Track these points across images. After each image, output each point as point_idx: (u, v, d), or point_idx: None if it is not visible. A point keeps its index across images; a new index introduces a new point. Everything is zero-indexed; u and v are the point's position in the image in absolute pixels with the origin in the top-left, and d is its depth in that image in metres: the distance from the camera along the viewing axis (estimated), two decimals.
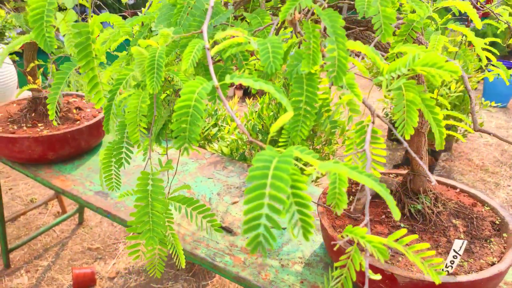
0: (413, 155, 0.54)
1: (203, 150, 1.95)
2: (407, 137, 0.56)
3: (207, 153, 1.92)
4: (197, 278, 2.43)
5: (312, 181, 2.07)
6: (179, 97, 1.04)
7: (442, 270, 0.93)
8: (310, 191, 1.59)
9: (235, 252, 1.26)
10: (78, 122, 1.81)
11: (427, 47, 0.79)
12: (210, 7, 0.53)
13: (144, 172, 0.68)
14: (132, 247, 0.76)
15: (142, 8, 0.87)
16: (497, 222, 1.11)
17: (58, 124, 1.76)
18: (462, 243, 0.91)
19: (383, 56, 0.62)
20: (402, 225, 1.09)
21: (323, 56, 0.51)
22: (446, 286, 0.90)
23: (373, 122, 0.50)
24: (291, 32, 0.66)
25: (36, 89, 1.70)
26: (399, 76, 0.51)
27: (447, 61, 0.48)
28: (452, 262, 0.92)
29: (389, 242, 0.49)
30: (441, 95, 2.63)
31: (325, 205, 1.17)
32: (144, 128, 0.65)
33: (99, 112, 1.92)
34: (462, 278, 0.90)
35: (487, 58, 1.08)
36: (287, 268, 1.19)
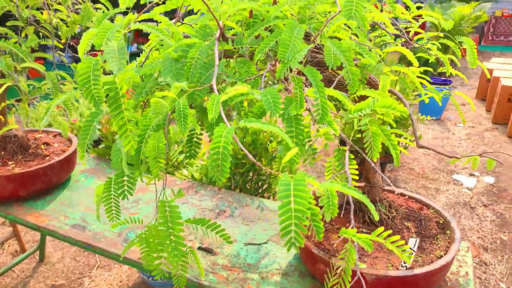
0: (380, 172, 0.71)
1: (172, 177, 2.04)
2: (374, 159, 0.72)
3: (177, 179, 2.01)
4: None
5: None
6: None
7: (401, 265, 1.11)
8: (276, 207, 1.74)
9: (217, 270, 1.36)
10: (48, 157, 1.84)
11: (376, 83, 0.98)
12: (216, 65, 0.67)
13: (161, 201, 0.78)
14: (154, 266, 0.85)
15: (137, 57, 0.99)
16: (441, 222, 1.31)
17: (28, 160, 1.78)
18: (415, 241, 1.10)
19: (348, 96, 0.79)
20: (364, 230, 1.26)
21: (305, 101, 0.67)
22: (405, 279, 1.08)
23: (348, 150, 0.65)
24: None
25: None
26: (365, 115, 0.68)
27: (398, 104, 0.65)
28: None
29: (373, 237, 0.64)
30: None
31: None
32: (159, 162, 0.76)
33: (68, 147, 1.96)
34: (418, 270, 1.08)
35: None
36: (267, 279, 1.31)
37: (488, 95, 5.95)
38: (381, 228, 0.68)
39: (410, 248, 1.09)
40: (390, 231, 0.71)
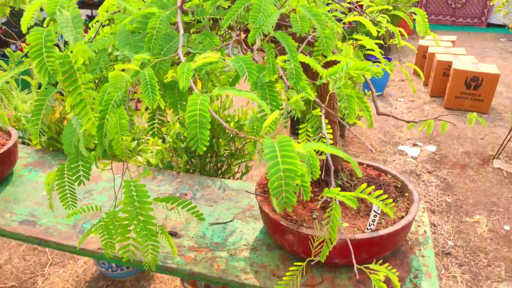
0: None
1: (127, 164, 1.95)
2: (351, 121, 0.73)
3: (132, 166, 1.93)
4: None
5: (237, 179, 2.21)
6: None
7: (367, 228, 1.15)
8: (241, 187, 1.73)
9: (184, 252, 1.33)
10: None
11: (334, 53, 0.98)
12: (181, 34, 0.63)
13: (126, 181, 0.74)
14: (122, 248, 0.81)
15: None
16: (398, 186, 1.37)
17: None
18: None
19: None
20: (328, 199, 1.29)
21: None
22: (371, 240, 1.12)
23: (323, 114, 0.65)
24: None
25: None
26: (338, 78, 0.68)
27: (371, 65, 0.66)
28: (373, 221, 1.14)
29: (356, 194, 0.65)
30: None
31: (263, 194, 1.32)
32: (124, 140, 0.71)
33: (7, 140, 1.81)
34: (383, 232, 1.12)
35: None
36: (236, 256, 1.31)
37: (425, 71, 6.29)
38: (364, 185, 0.70)
39: (374, 211, 1.13)
40: (373, 187, 0.72)
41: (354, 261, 0.68)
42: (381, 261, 0.75)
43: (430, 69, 6.01)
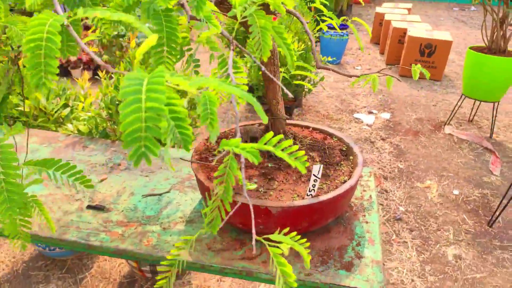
0: None
1: (56, 133, 1.76)
2: (265, 59, 0.61)
3: (61, 135, 1.74)
4: (72, 273, 2.25)
5: (182, 148, 2.07)
6: (17, 66, 0.91)
7: (307, 194, 1.06)
8: (181, 154, 1.60)
9: (110, 227, 1.20)
10: None
11: None
12: None
13: None
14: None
15: None
16: (344, 149, 1.29)
17: None
18: (319, 168, 1.04)
19: None
20: (270, 164, 1.19)
21: None
22: (311, 207, 1.03)
23: (233, 50, 0.52)
24: None
25: None
26: (249, 5, 0.55)
27: None
28: (314, 186, 1.05)
29: (260, 146, 0.54)
30: None
31: (199, 161, 1.20)
32: None
33: None
34: (323, 197, 1.03)
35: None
36: (169, 229, 1.19)
37: (381, 39, 6.29)
38: (270, 133, 0.59)
39: (314, 175, 1.03)
40: (281, 136, 0.61)
41: (253, 230, 0.58)
42: (286, 230, 0.65)
43: (387, 38, 6.01)
